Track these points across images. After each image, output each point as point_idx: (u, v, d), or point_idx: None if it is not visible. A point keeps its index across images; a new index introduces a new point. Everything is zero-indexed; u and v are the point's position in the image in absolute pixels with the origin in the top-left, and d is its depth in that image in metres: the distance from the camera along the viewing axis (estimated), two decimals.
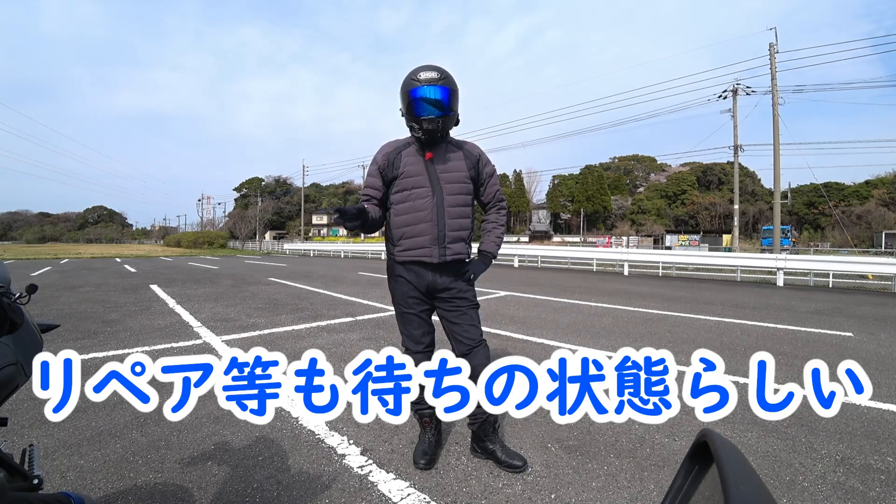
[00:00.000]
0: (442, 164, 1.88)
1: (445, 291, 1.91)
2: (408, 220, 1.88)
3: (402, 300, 1.96)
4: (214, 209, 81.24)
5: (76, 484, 1.74)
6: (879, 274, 10.88)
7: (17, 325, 0.84)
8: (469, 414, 1.90)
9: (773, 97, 17.27)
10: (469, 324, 1.92)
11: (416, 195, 1.86)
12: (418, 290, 1.91)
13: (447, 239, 1.85)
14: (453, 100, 1.81)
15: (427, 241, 1.84)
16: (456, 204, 1.88)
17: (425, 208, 1.85)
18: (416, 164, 1.88)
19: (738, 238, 20.39)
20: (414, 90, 1.77)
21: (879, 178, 45.58)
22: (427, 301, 1.95)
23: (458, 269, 1.93)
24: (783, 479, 1.85)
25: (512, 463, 1.87)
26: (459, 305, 1.92)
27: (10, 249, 43.04)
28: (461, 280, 1.93)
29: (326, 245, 32.78)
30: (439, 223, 1.84)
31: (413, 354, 1.92)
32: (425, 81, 1.76)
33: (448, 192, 1.87)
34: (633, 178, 64.95)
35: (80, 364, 1.00)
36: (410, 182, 1.87)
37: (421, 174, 1.87)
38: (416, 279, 1.90)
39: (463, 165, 1.92)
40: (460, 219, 1.89)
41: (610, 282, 10.84)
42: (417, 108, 1.79)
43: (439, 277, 1.89)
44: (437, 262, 1.85)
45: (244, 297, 7.37)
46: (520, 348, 3.95)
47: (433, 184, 1.86)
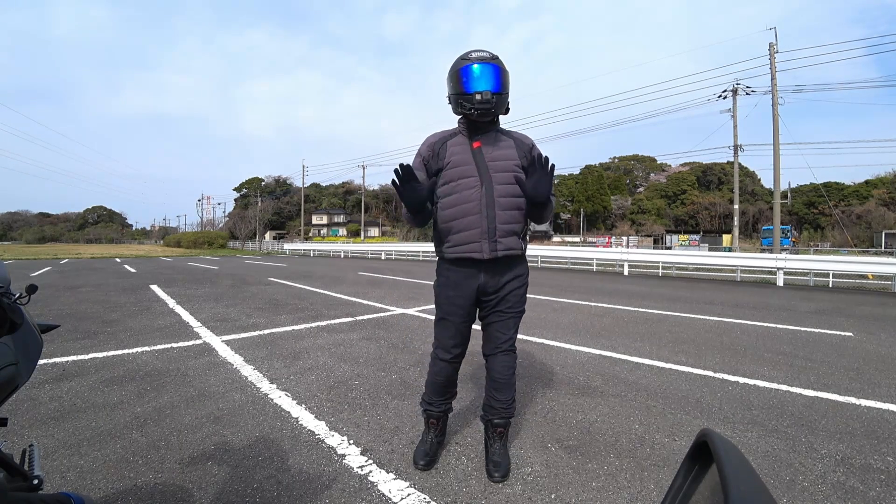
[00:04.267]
0: (491, 153, 1.75)
1: (494, 295, 1.80)
2: (454, 214, 1.74)
3: (444, 304, 1.84)
4: (214, 209, 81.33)
5: (76, 484, 1.74)
6: (879, 274, 10.88)
7: (17, 325, 0.84)
8: (483, 405, 1.92)
9: (773, 97, 17.27)
10: (504, 329, 1.84)
11: (463, 185, 1.73)
12: (465, 295, 1.79)
13: (498, 232, 1.71)
14: (505, 81, 1.71)
15: (476, 234, 1.71)
16: (507, 194, 1.73)
17: (473, 199, 1.71)
18: (464, 153, 1.76)
19: (738, 238, 20.37)
20: (465, 67, 1.68)
21: (879, 178, 45.60)
22: (471, 309, 1.84)
23: (510, 268, 1.81)
24: (783, 479, 1.85)
25: (491, 470, 1.81)
26: (505, 312, 1.82)
27: (10, 249, 43.04)
28: (513, 282, 1.81)
29: (326, 245, 32.79)
30: (489, 215, 1.71)
31: (439, 362, 1.91)
32: (477, 59, 1.68)
33: (498, 182, 1.72)
34: (633, 178, 64.96)
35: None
36: (457, 172, 1.74)
37: (468, 163, 1.74)
38: (465, 280, 1.78)
39: (514, 154, 1.78)
40: (512, 210, 1.74)
41: (610, 282, 10.83)
42: (469, 84, 1.67)
43: (490, 278, 1.78)
44: (488, 258, 1.73)
45: (244, 297, 7.37)
46: (520, 348, 3.94)
47: (481, 173, 1.73)
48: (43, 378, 3.01)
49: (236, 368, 3.29)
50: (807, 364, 3.55)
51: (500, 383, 1.87)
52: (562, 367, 3.40)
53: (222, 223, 74.35)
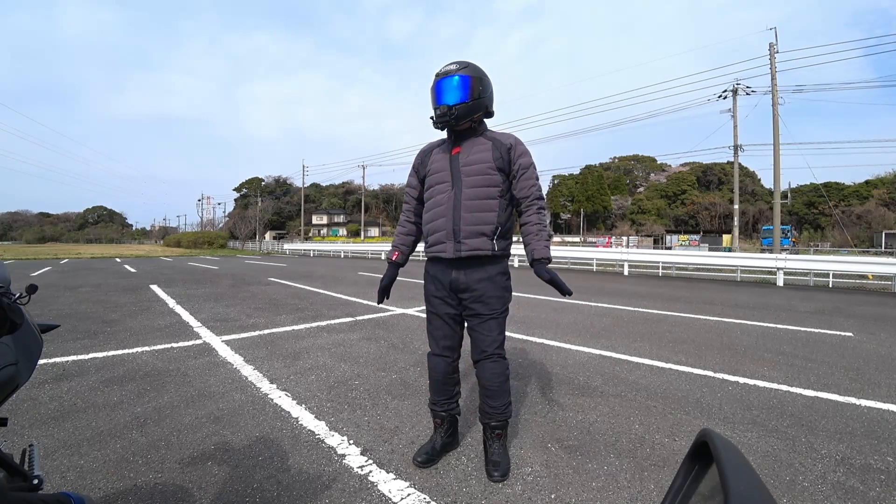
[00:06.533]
0: (466, 158, 1.86)
1: (468, 293, 1.85)
2: (429, 217, 1.91)
3: (428, 298, 1.97)
4: (214, 209, 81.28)
5: (76, 484, 1.74)
6: (879, 274, 10.89)
7: (17, 325, 0.84)
8: (479, 408, 1.92)
9: (773, 97, 17.27)
10: (485, 331, 1.86)
11: (437, 191, 1.89)
12: (444, 288, 1.89)
13: (462, 234, 1.81)
14: (474, 88, 1.79)
15: (443, 236, 1.84)
16: (475, 197, 1.81)
17: (442, 203, 1.85)
18: (442, 160, 1.90)
19: (738, 238, 20.37)
20: (435, 83, 1.83)
21: (879, 178, 45.63)
22: (452, 303, 1.90)
23: (480, 268, 1.84)
24: (783, 479, 1.85)
25: (490, 470, 1.83)
26: (479, 312, 1.85)
27: (10, 249, 43.03)
28: (485, 282, 1.83)
29: (326, 245, 32.79)
30: (454, 217, 1.82)
31: (432, 357, 1.97)
32: (443, 74, 1.82)
33: (468, 185, 1.82)
34: (633, 178, 64.96)
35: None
36: (434, 179, 1.90)
37: (444, 170, 1.88)
38: (440, 275, 1.90)
39: (488, 157, 1.84)
40: (479, 212, 1.81)
41: (610, 282, 10.83)
42: (434, 100, 1.84)
43: (461, 275, 1.85)
44: (453, 258, 1.82)
45: (244, 297, 7.37)
46: (520, 349, 3.94)
47: (454, 178, 1.85)
48: (43, 378, 3.01)
49: (236, 368, 3.29)
50: (807, 364, 3.55)
51: (491, 391, 1.87)
52: (562, 367, 3.40)
53: (222, 223, 74.35)
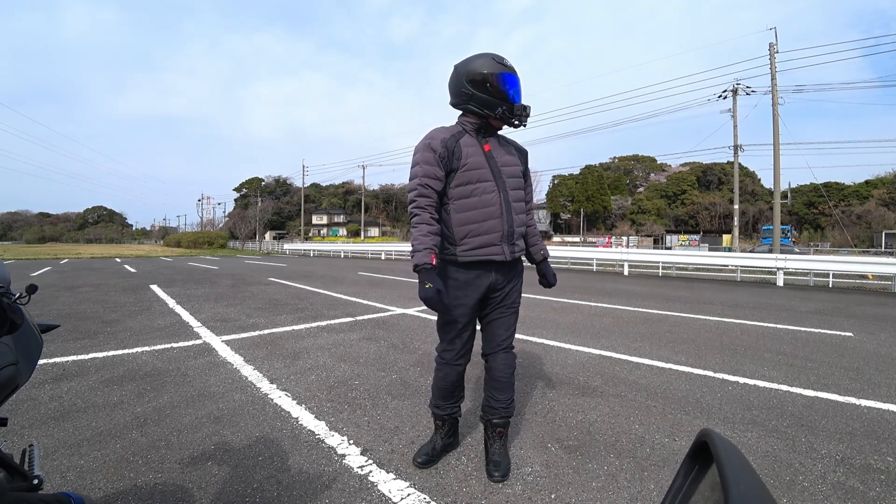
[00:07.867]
0: (501, 157, 1.84)
1: (499, 292, 1.86)
2: (475, 217, 1.75)
3: (453, 306, 1.81)
4: (214, 209, 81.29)
5: (76, 484, 1.74)
6: (879, 274, 10.89)
7: (17, 325, 0.84)
8: (482, 405, 1.92)
9: (773, 97, 17.27)
10: (505, 327, 1.89)
11: (482, 189, 1.76)
12: (475, 292, 1.81)
13: (515, 235, 1.81)
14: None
15: (497, 238, 1.77)
16: (517, 199, 1.85)
17: (494, 203, 1.76)
18: (478, 155, 1.78)
19: (738, 238, 20.37)
20: (508, 77, 1.73)
21: (879, 178, 45.59)
22: (476, 309, 1.87)
23: (515, 267, 1.90)
24: (783, 479, 1.85)
25: (491, 470, 1.83)
26: (506, 309, 1.89)
27: (10, 249, 43.04)
28: (516, 279, 1.90)
29: (326, 245, 32.79)
30: (508, 219, 1.79)
31: (446, 366, 1.90)
32: (512, 69, 1.75)
33: (510, 187, 1.82)
34: (633, 178, 64.91)
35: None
36: (475, 175, 1.75)
37: (484, 167, 1.77)
38: (475, 280, 1.80)
39: (518, 161, 1.90)
40: (520, 214, 1.86)
41: (610, 282, 10.83)
42: (517, 95, 1.77)
43: (501, 277, 1.84)
44: (509, 260, 1.81)
45: (244, 297, 7.37)
46: (520, 348, 3.94)
47: (496, 178, 1.79)
48: (43, 378, 3.01)
49: (236, 368, 3.29)
50: (807, 364, 3.55)
51: (500, 383, 1.88)
52: (562, 367, 3.40)
53: (222, 223, 74.34)
